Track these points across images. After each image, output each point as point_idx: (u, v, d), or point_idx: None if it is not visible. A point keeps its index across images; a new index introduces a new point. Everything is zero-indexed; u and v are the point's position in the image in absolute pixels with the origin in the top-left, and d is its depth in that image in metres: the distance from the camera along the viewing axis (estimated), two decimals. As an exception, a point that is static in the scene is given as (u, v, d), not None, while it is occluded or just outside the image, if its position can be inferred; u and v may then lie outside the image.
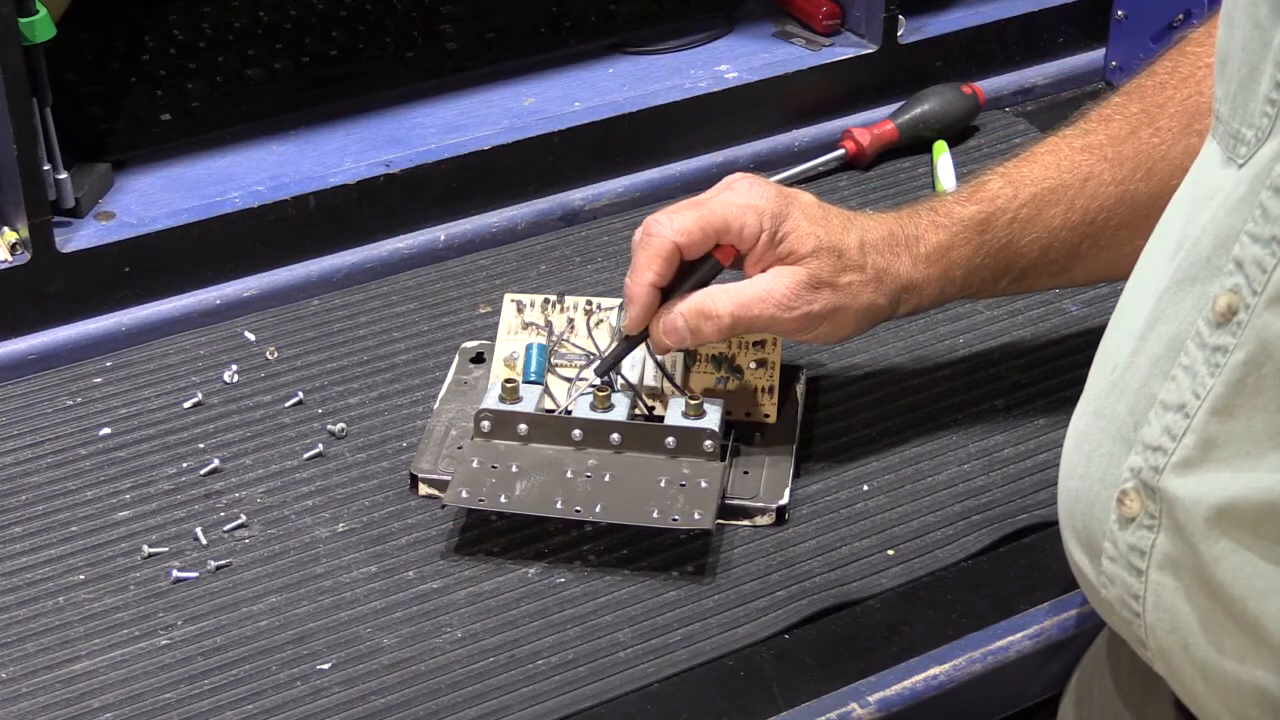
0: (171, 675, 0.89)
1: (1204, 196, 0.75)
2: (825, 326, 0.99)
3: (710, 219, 0.97)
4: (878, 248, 1.00)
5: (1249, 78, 0.73)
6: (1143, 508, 0.75)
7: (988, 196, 1.01)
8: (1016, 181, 1.02)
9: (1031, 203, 1.01)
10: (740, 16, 1.38)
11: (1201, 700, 0.75)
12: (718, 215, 0.97)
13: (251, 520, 0.98)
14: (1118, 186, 1.00)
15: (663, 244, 0.97)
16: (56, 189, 1.11)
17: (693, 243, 0.97)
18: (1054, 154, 1.02)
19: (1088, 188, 1.01)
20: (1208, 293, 0.72)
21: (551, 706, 0.87)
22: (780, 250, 0.97)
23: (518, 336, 1.07)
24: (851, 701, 0.88)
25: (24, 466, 1.03)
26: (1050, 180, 1.01)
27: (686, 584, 0.94)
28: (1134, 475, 0.75)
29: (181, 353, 1.12)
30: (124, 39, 1.28)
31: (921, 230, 1.01)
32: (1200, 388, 0.72)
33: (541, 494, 0.96)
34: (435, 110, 1.27)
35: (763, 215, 0.97)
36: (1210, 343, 0.72)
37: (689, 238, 0.97)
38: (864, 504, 1.00)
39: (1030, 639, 0.93)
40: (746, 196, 0.98)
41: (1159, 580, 0.75)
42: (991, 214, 1.01)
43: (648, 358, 1.04)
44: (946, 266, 1.01)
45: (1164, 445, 0.74)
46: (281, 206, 1.17)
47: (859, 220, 1.01)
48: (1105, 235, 1.01)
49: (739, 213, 0.97)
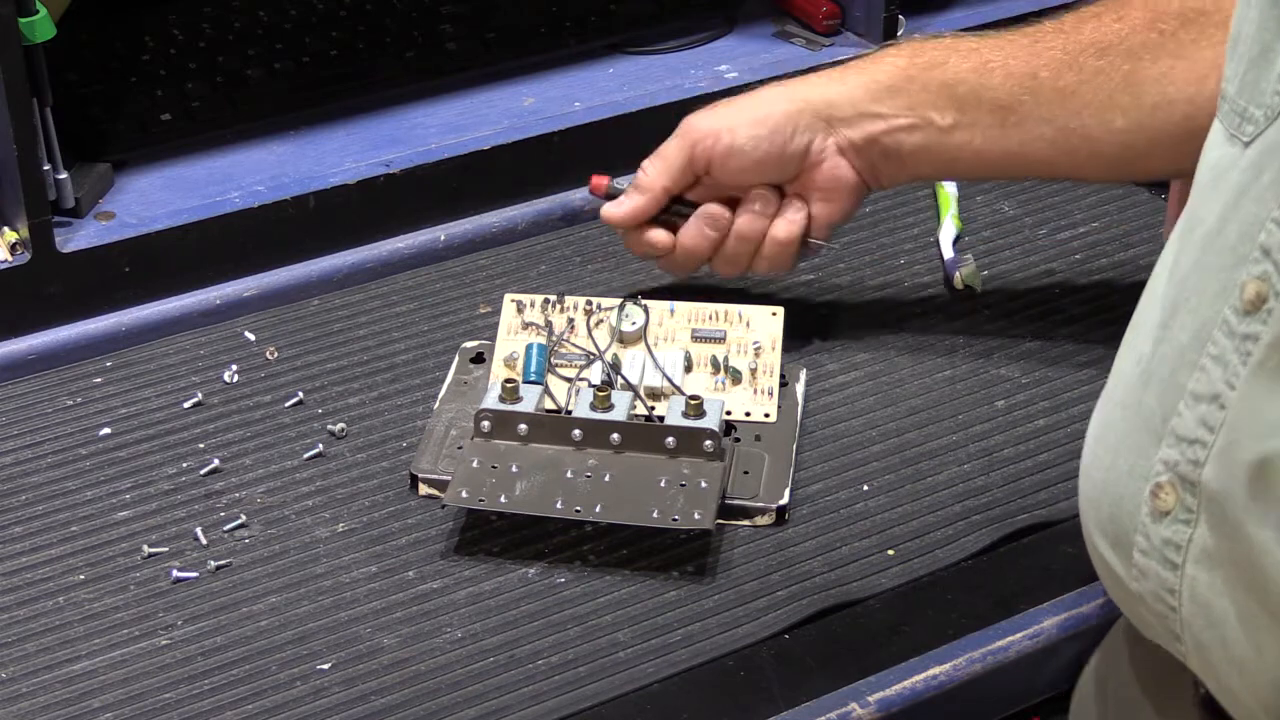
0: (171, 675, 0.89)
1: (1212, 177, 0.75)
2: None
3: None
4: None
5: (1261, 56, 0.72)
6: (1179, 501, 0.74)
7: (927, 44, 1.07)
8: (962, 37, 1.06)
9: (975, 44, 1.04)
10: (740, 16, 1.38)
11: (1238, 696, 0.75)
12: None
13: (251, 520, 0.98)
14: (1066, 54, 1.02)
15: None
16: (56, 189, 1.11)
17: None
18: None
19: (1035, 48, 1.03)
20: (1234, 280, 0.72)
21: (551, 706, 0.87)
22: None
23: (518, 336, 1.07)
24: (851, 701, 0.88)
25: (24, 466, 1.03)
26: (993, 35, 1.05)
27: (686, 584, 0.94)
28: (1169, 469, 0.75)
29: (181, 353, 1.12)
30: (124, 39, 1.28)
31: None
32: (1234, 378, 0.72)
33: (541, 494, 0.96)
34: (435, 110, 1.27)
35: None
36: (1239, 331, 0.72)
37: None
38: (864, 504, 1.00)
39: (1030, 639, 0.93)
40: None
41: (1195, 575, 0.74)
42: (930, 42, 1.06)
43: (648, 358, 1.04)
44: (874, 76, 1.04)
45: (1201, 438, 0.73)
46: (281, 206, 1.17)
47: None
48: (1044, 95, 1.02)
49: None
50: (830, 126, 1.05)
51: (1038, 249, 1.21)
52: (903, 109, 1.04)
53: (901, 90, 1.04)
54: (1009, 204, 1.25)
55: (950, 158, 1.05)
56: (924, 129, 1.04)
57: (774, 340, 1.06)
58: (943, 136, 1.04)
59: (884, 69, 1.05)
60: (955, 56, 1.04)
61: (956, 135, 1.04)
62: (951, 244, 1.20)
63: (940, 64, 1.04)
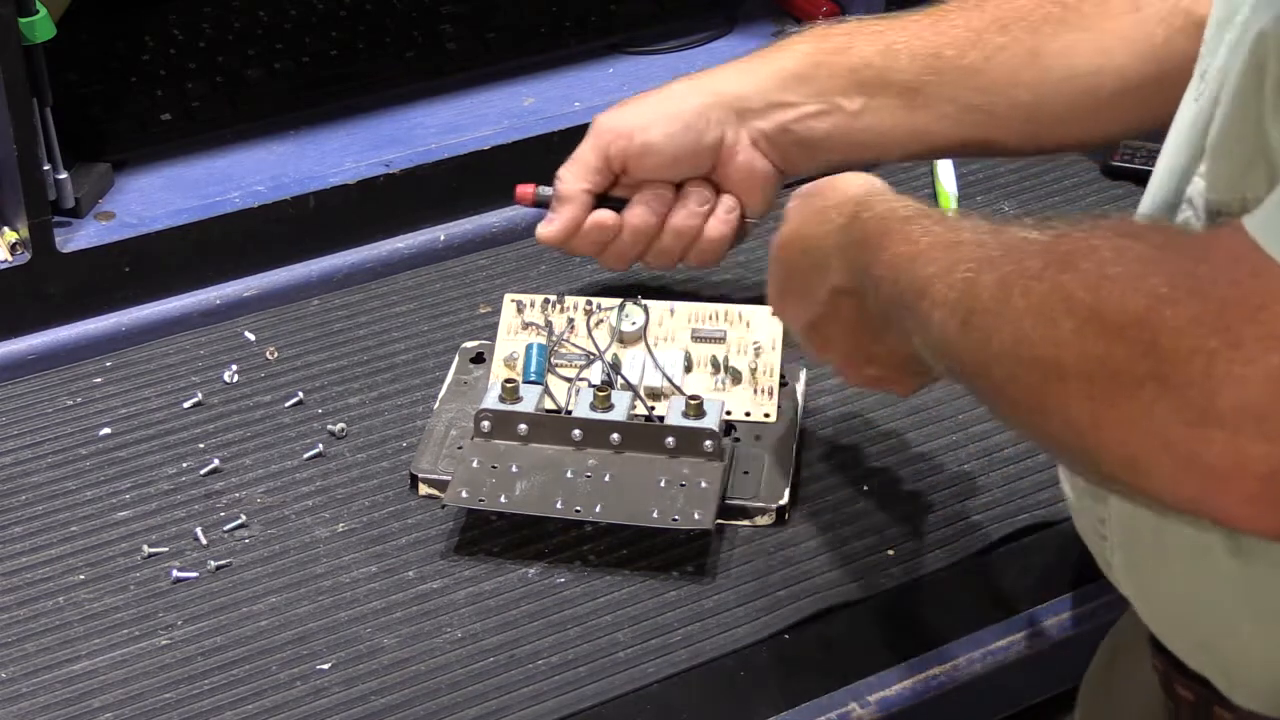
0: (171, 675, 0.89)
1: (1172, 133, 0.77)
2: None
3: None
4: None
5: (1225, 19, 0.74)
6: None
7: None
8: (866, 21, 1.07)
9: (880, 27, 1.05)
10: (740, 16, 1.38)
11: (1155, 620, 0.79)
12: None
13: (251, 520, 0.98)
14: (969, 32, 1.03)
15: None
16: (56, 189, 1.11)
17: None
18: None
19: (939, 26, 1.03)
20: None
21: (551, 706, 0.87)
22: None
23: (518, 336, 1.07)
24: (851, 701, 0.88)
25: (24, 466, 1.03)
26: (897, 17, 1.06)
27: (686, 584, 0.94)
28: None
29: (181, 353, 1.12)
30: (124, 39, 1.28)
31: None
32: None
33: (541, 494, 0.96)
34: (435, 110, 1.27)
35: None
36: None
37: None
38: (864, 504, 1.00)
39: (1030, 639, 0.93)
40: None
41: (1119, 505, 0.78)
42: (835, 27, 1.07)
43: (648, 358, 1.04)
44: (782, 64, 1.05)
45: None
46: (281, 206, 1.17)
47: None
48: (949, 74, 1.03)
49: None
50: (742, 118, 1.06)
51: (1038, 249, 1.21)
52: (811, 96, 1.05)
53: (809, 77, 1.05)
54: (1009, 204, 1.25)
55: (860, 141, 1.05)
56: (833, 114, 1.05)
57: (774, 340, 1.06)
58: (852, 120, 1.05)
59: (791, 56, 1.06)
60: (860, 40, 1.05)
61: (865, 119, 1.04)
62: (951, 244, 1.20)
63: (846, 49, 1.05)
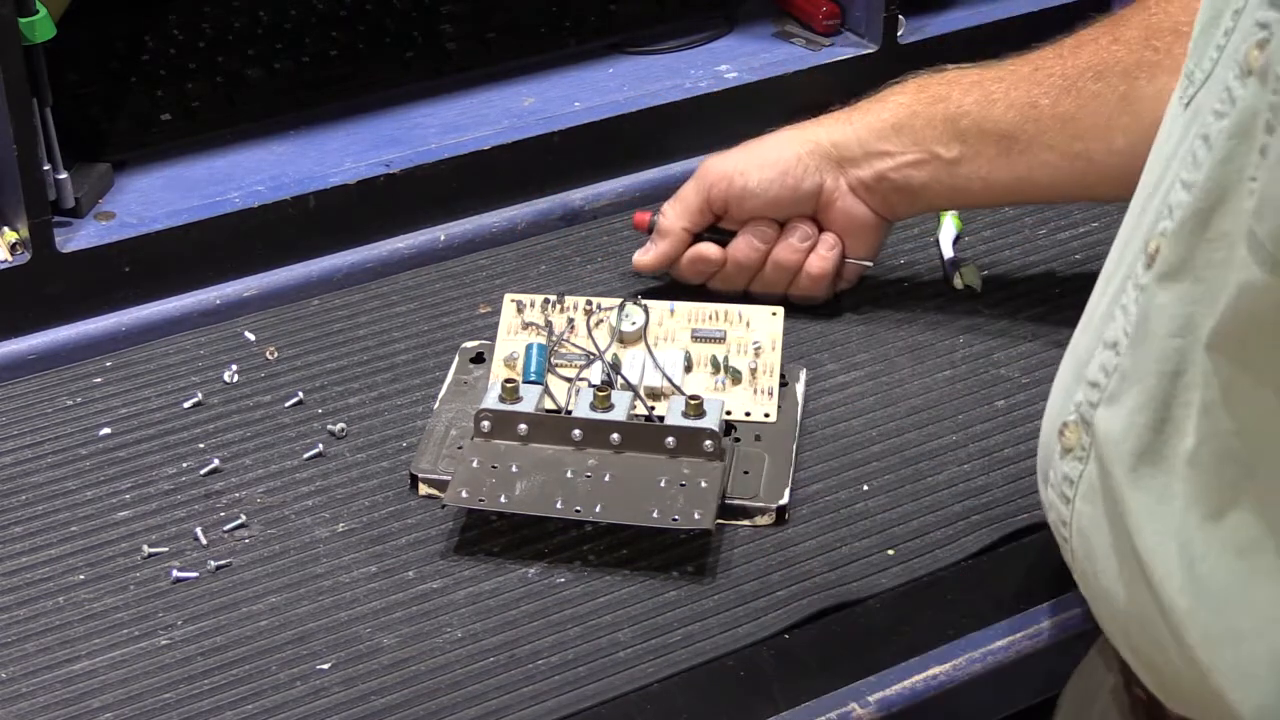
0: (171, 675, 0.89)
1: (1160, 140, 0.79)
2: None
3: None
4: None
5: (1211, 22, 0.75)
6: (1078, 440, 0.80)
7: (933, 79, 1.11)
8: (964, 71, 1.10)
9: (976, 77, 1.08)
10: (740, 16, 1.38)
11: (1106, 625, 0.81)
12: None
13: (251, 520, 0.98)
14: (1065, 80, 1.05)
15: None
16: (56, 189, 1.11)
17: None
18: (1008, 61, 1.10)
19: (1035, 75, 1.06)
20: (1151, 234, 0.76)
21: (551, 706, 0.87)
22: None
23: (518, 336, 1.07)
24: (851, 701, 0.88)
25: (24, 466, 1.03)
26: (995, 66, 1.09)
27: (686, 584, 0.94)
28: (1076, 409, 0.80)
29: (181, 353, 1.12)
30: (124, 39, 1.28)
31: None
32: (1130, 325, 0.77)
33: (541, 494, 0.96)
34: (435, 110, 1.27)
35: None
36: (1142, 282, 0.76)
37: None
38: (864, 504, 1.00)
39: (1030, 639, 0.93)
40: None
41: (1081, 509, 0.80)
42: (933, 78, 1.10)
43: (648, 358, 1.04)
44: (880, 115, 1.09)
45: (1100, 381, 0.79)
46: (281, 206, 1.17)
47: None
48: (1045, 122, 1.06)
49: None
50: (840, 167, 1.10)
51: (1038, 249, 1.21)
52: (909, 145, 1.08)
53: (906, 127, 1.08)
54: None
55: (959, 188, 1.09)
56: (931, 163, 1.08)
57: (774, 340, 1.06)
58: (950, 169, 1.08)
59: (889, 108, 1.09)
60: (957, 90, 1.08)
61: (963, 167, 1.08)
62: (951, 244, 1.20)
63: (943, 99, 1.08)
